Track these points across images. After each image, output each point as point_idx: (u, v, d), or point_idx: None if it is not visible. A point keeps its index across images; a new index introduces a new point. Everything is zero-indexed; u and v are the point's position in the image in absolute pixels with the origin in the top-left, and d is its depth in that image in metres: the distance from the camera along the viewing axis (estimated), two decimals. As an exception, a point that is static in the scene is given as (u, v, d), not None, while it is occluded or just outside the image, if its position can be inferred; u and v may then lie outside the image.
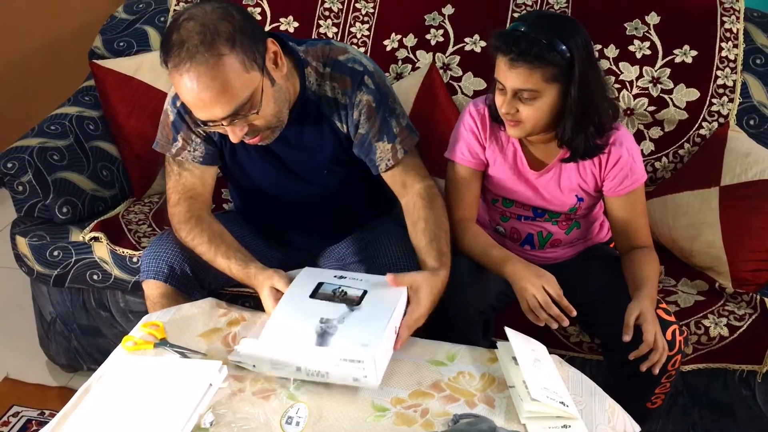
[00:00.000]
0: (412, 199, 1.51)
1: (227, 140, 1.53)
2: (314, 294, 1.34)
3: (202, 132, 1.53)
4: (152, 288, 1.55)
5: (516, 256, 1.52)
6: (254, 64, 1.31)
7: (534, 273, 1.45)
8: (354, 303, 1.31)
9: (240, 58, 1.29)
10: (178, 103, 1.51)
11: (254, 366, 1.26)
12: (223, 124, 1.34)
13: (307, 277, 1.39)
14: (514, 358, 1.28)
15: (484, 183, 1.66)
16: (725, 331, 1.63)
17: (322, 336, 1.24)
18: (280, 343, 1.25)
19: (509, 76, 1.42)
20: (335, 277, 1.39)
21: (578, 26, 1.45)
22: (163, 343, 1.34)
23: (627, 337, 1.38)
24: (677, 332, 1.44)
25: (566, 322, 1.40)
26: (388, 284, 1.34)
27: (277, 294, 1.37)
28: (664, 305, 1.50)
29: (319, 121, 1.52)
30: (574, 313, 1.40)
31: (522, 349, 1.28)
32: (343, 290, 1.35)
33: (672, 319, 1.46)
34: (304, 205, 1.64)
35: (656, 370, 1.39)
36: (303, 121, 1.51)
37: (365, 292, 1.34)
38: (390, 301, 1.31)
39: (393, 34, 2.18)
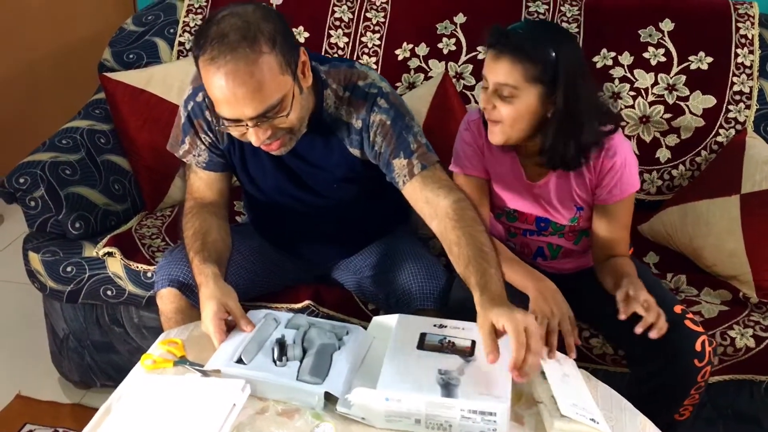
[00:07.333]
0: (442, 222, 1.40)
1: (237, 149, 1.51)
2: (420, 345, 1.27)
3: (207, 139, 1.52)
4: (166, 302, 1.54)
5: (538, 273, 1.50)
6: (288, 68, 1.31)
7: (561, 299, 1.45)
8: (467, 354, 1.25)
9: (278, 59, 1.28)
10: (190, 106, 1.51)
11: (363, 418, 1.19)
12: (248, 125, 1.32)
13: (406, 327, 1.33)
14: (543, 373, 1.25)
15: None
16: (751, 342, 1.61)
17: (446, 387, 1.17)
18: (399, 394, 1.17)
19: (492, 68, 1.43)
20: (435, 326, 1.32)
21: (572, 38, 1.46)
22: (182, 361, 1.32)
23: (623, 316, 1.38)
24: (706, 343, 1.42)
25: (554, 357, 1.31)
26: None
27: (223, 317, 1.31)
28: (691, 315, 1.48)
29: (331, 141, 1.50)
30: (574, 355, 1.38)
31: (550, 364, 1.25)
32: (450, 341, 1.28)
33: (700, 329, 1.44)
34: (315, 216, 1.62)
35: (653, 334, 1.36)
36: (315, 138, 1.49)
37: (474, 342, 1.27)
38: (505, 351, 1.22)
39: (405, 44, 2.17)
